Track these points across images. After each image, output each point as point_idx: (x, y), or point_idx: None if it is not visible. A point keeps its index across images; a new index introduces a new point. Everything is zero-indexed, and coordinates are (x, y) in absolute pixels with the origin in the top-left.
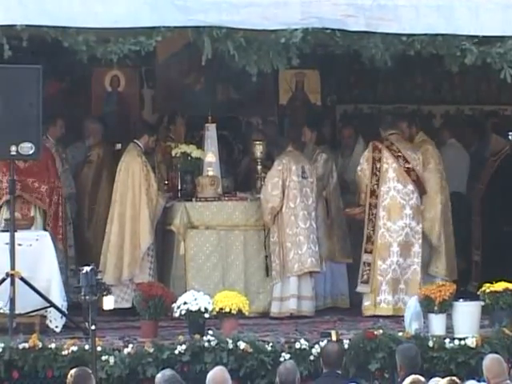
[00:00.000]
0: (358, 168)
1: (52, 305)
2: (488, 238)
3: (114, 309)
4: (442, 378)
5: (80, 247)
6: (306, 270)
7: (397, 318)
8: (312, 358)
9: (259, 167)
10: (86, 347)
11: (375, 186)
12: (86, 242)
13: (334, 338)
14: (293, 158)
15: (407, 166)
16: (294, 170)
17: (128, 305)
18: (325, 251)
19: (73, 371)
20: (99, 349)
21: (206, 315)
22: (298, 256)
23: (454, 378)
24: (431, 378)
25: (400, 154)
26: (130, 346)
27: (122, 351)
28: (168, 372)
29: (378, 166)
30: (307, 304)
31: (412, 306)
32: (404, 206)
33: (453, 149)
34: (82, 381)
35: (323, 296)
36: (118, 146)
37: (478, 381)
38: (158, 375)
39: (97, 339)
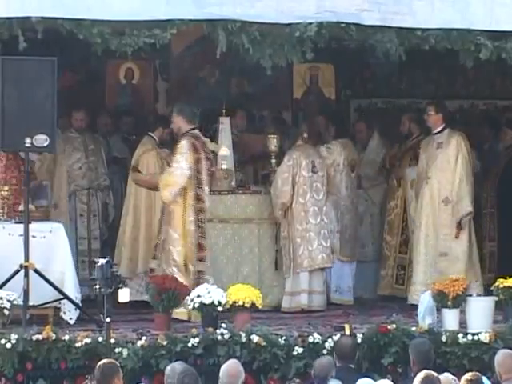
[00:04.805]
0: None
1: (66, 297)
2: (503, 229)
3: (129, 301)
4: (453, 374)
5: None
6: (316, 266)
7: (410, 312)
8: (325, 351)
9: (273, 161)
10: (100, 339)
11: None
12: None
13: (347, 331)
14: (303, 153)
15: None
16: (304, 164)
17: (143, 297)
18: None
19: (101, 363)
20: (112, 341)
21: (220, 308)
22: (308, 252)
23: (478, 373)
24: (443, 372)
25: None
26: (144, 338)
27: (135, 344)
28: (180, 365)
29: None
30: (318, 298)
31: (425, 300)
32: None
33: None
34: (110, 373)
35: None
36: (133, 138)
37: (491, 376)
38: (168, 367)
39: (110, 331)
